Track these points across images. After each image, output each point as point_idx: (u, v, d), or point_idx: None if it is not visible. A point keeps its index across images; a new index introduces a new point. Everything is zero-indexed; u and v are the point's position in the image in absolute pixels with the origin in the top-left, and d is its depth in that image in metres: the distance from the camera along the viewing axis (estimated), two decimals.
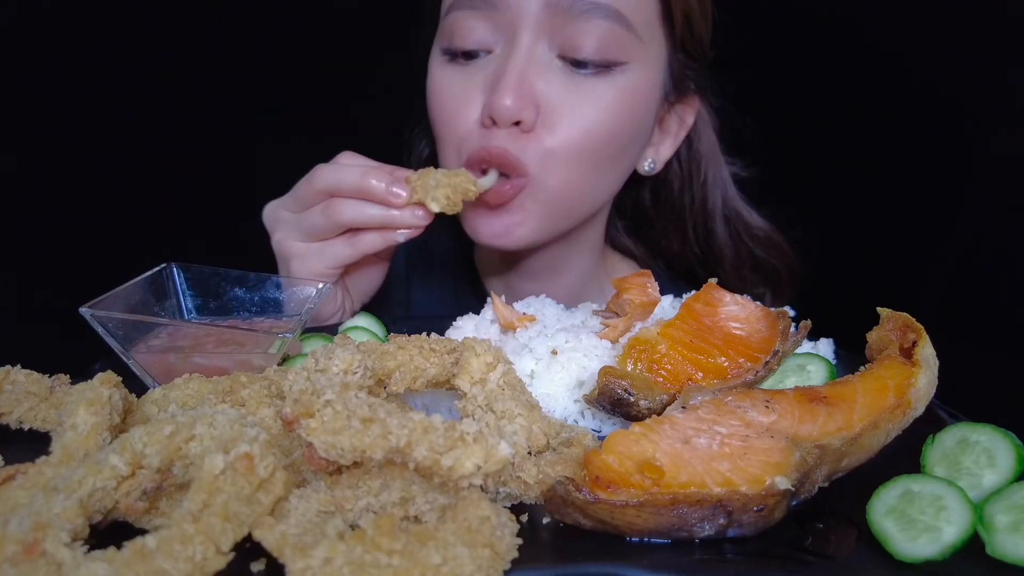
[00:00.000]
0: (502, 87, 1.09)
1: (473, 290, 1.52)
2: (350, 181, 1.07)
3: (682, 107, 1.34)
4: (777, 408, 0.72)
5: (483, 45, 1.15)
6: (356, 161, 1.11)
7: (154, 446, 0.64)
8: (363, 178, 1.06)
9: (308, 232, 1.12)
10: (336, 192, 1.08)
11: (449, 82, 1.18)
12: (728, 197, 1.47)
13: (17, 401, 0.78)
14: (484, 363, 0.76)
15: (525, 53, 1.10)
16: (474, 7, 1.13)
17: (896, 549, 0.62)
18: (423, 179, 1.07)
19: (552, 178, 1.15)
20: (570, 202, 1.21)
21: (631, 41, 1.13)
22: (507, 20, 1.11)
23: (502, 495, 0.68)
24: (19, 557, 0.53)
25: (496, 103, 1.09)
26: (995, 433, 0.71)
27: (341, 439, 0.59)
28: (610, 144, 1.17)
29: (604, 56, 1.12)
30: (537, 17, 1.10)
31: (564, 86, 1.12)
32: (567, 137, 1.13)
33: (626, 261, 1.57)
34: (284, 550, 0.56)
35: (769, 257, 1.50)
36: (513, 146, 1.12)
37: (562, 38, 1.10)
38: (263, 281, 1.04)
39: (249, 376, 0.81)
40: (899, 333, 0.83)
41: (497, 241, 1.21)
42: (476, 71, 1.16)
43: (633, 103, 1.17)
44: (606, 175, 1.24)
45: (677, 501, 0.63)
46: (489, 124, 1.12)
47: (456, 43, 1.16)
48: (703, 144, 1.43)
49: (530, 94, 1.10)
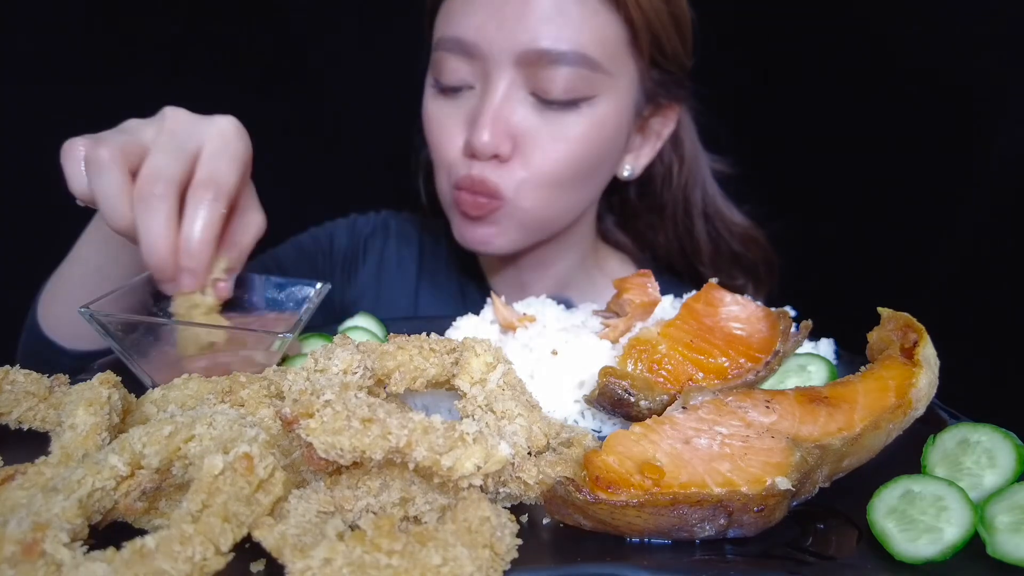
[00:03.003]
0: (480, 125, 1.21)
1: (478, 286, 1.58)
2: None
3: (660, 117, 1.42)
4: (778, 408, 0.72)
5: (465, 83, 1.26)
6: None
7: (153, 446, 0.64)
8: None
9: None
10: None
11: (439, 111, 1.31)
12: (708, 195, 1.56)
13: (16, 401, 0.78)
14: (484, 363, 0.76)
15: (501, 94, 1.21)
16: (455, 52, 1.24)
17: (897, 550, 0.62)
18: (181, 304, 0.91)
19: (526, 201, 1.27)
20: (543, 219, 1.33)
21: (598, 78, 1.22)
22: (484, 66, 1.22)
23: (502, 495, 0.68)
24: (18, 557, 0.53)
25: (475, 140, 1.21)
26: (996, 433, 0.71)
27: (341, 439, 0.59)
28: (579, 171, 1.29)
29: (572, 96, 1.22)
30: (509, 66, 1.21)
31: (536, 120, 1.23)
32: (539, 168, 1.25)
33: (616, 254, 1.66)
34: (284, 550, 0.56)
35: (747, 252, 1.59)
36: (492, 174, 1.25)
37: (534, 81, 1.21)
38: (262, 281, 1.04)
39: (248, 376, 0.81)
40: (900, 333, 0.83)
41: (480, 247, 1.35)
42: (460, 104, 1.28)
43: (602, 132, 1.27)
44: (578, 194, 1.35)
45: (677, 501, 0.62)
46: (471, 155, 1.25)
47: (443, 80, 1.27)
48: (685, 146, 1.51)
49: (505, 129, 1.22)
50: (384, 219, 1.67)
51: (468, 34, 1.21)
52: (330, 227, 1.65)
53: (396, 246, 1.63)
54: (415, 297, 1.59)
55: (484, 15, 1.20)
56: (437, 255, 1.63)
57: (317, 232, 1.63)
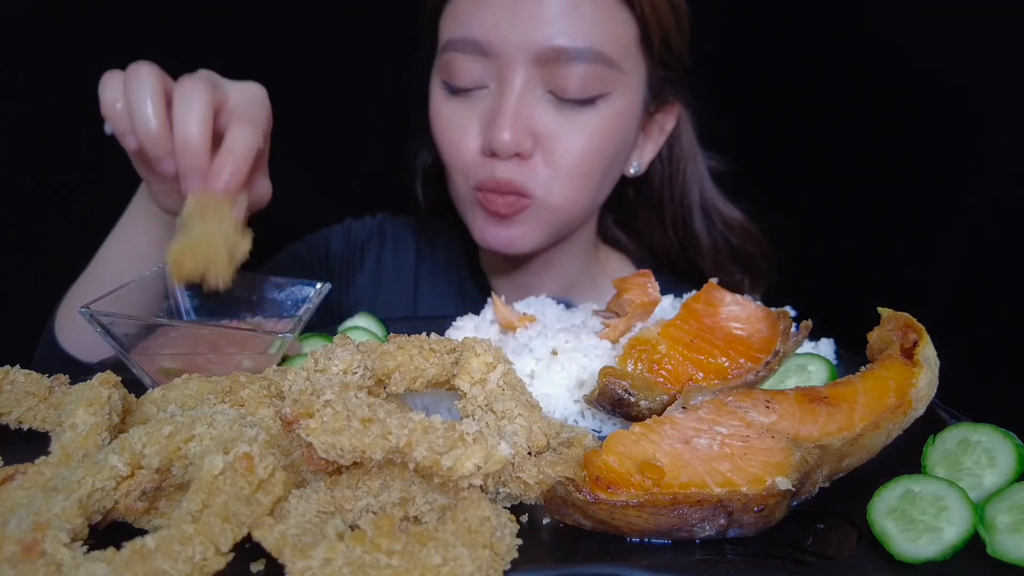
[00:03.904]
0: (500, 124, 1.20)
1: (479, 286, 1.58)
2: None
3: (663, 114, 1.43)
4: (778, 408, 0.72)
5: (478, 83, 1.25)
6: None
7: (153, 446, 0.64)
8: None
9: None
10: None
11: (451, 113, 1.29)
12: (705, 191, 1.57)
13: (16, 401, 0.78)
14: (484, 363, 0.76)
15: (518, 92, 1.21)
16: (467, 52, 1.23)
17: (897, 549, 0.62)
18: (193, 211, 0.88)
19: (556, 199, 1.28)
20: (569, 216, 1.34)
21: (613, 75, 1.23)
22: (499, 65, 1.22)
23: (502, 495, 0.68)
24: (18, 557, 0.53)
25: (495, 139, 1.20)
26: (996, 433, 0.71)
27: (341, 439, 0.59)
28: (600, 163, 1.30)
29: (588, 93, 1.22)
30: (526, 65, 1.20)
31: (555, 117, 1.24)
32: (564, 164, 1.25)
33: (616, 254, 1.67)
34: (284, 551, 0.56)
35: (745, 246, 1.60)
36: (517, 174, 1.24)
37: (550, 78, 1.21)
38: (261, 281, 1.04)
39: (249, 376, 0.81)
40: (900, 333, 0.83)
41: (505, 249, 1.34)
42: (474, 103, 1.26)
43: (617, 125, 1.29)
44: (599, 187, 1.36)
45: (677, 501, 0.62)
46: (490, 155, 1.24)
47: (455, 81, 1.26)
48: (682, 143, 1.52)
49: (526, 127, 1.22)
50: (379, 223, 1.66)
51: (481, 34, 1.20)
52: (325, 234, 1.64)
53: (392, 249, 1.63)
54: (414, 299, 1.59)
55: (497, 14, 1.19)
56: (435, 256, 1.63)
57: (312, 240, 1.63)
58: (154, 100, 0.89)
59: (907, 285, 1.70)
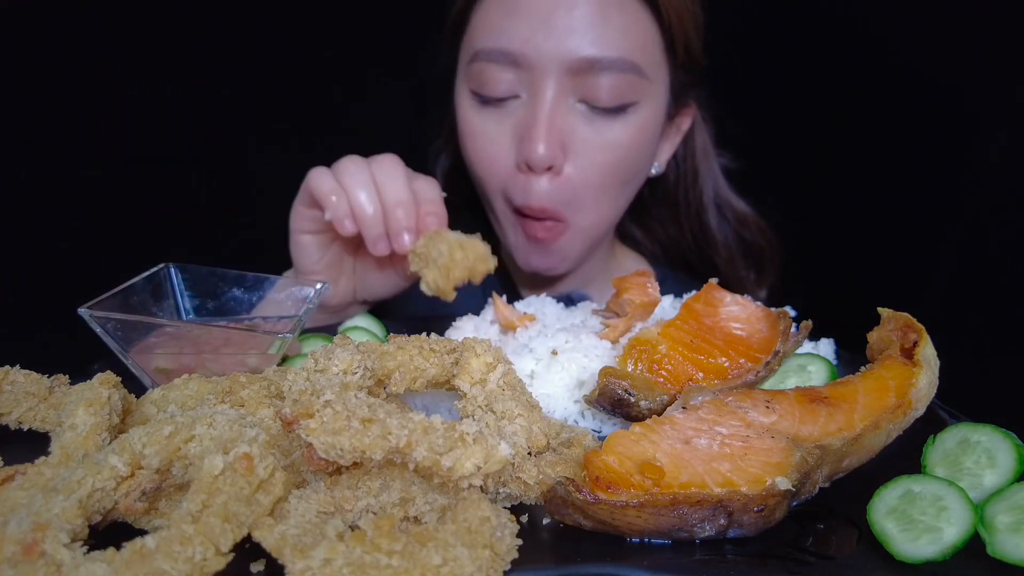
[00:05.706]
0: (534, 137, 1.21)
1: (501, 282, 1.59)
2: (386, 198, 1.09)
3: (680, 116, 1.47)
4: (778, 408, 0.72)
5: (510, 93, 1.26)
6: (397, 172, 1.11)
7: (153, 446, 0.64)
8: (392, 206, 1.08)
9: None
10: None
11: (483, 125, 1.30)
12: (719, 187, 1.61)
13: (16, 401, 0.78)
14: (484, 363, 0.76)
15: (550, 103, 1.22)
16: (499, 62, 1.23)
17: (897, 549, 0.62)
18: (428, 246, 1.04)
19: (585, 219, 1.32)
20: (600, 230, 1.39)
21: (642, 83, 1.25)
22: (531, 76, 1.22)
23: (502, 496, 0.68)
24: (18, 557, 0.53)
25: (531, 153, 1.21)
26: (996, 433, 0.71)
27: (341, 439, 0.59)
28: (628, 172, 1.33)
29: (618, 102, 1.24)
30: (558, 75, 1.21)
31: (587, 128, 1.25)
32: (593, 178, 1.28)
33: (631, 252, 1.71)
34: (284, 551, 0.56)
35: (756, 238, 1.64)
36: (550, 199, 1.27)
37: (582, 88, 1.22)
38: (261, 281, 1.04)
39: (249, 376, 0.81)
40: (900, 333, 0.83)
41: (546, 273, 1.41)
42: (506, 115, 1.28)
43: (645, 136, 1.31)
44: (626, 195, 1.40)
45: (677, 501, 0.62)
46: (525, 170, 1.26)
47: (486, 91, 1.27)
48: (697, 143, 1.56)
49: (558, 138, 1.23)
50: None
51: (514, 44, 1.20)
52: None
53: None
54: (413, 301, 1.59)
55: (531, 25, 1.19)
56: None
57: None
58: (367, 188, 1.04)
59: (907, 285, 1.70)
